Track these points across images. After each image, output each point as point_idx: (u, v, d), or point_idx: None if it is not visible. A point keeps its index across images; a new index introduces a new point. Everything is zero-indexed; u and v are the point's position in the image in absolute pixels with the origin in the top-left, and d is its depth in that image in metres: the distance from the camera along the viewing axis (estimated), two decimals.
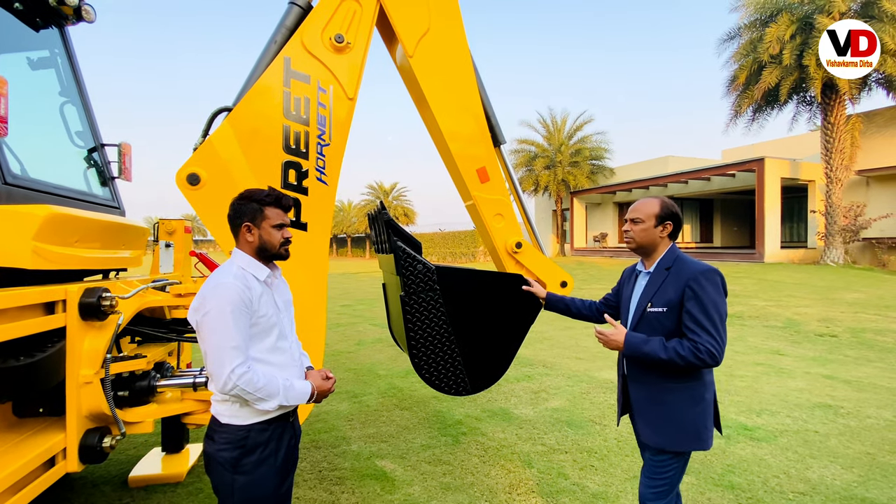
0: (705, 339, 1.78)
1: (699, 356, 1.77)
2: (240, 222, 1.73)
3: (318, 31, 2.50)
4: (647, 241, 2.01)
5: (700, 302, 1.82)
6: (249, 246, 1.73)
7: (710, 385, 1.94)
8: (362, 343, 7.77)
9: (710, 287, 1.84)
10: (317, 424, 4.17)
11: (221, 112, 2.40)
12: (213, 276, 1.68)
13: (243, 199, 1.75)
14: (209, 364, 1.58)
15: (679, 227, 2.03)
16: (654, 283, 1.96)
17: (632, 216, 2.05)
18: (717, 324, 1.80)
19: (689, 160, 25.73)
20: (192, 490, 3.06)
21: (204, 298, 1.60)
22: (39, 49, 2.92)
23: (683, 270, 1.89)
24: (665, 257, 1.99)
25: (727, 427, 4.04)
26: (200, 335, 1.60)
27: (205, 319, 1.58)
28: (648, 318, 1.94)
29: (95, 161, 2.92)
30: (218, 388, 1.58)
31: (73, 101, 2.92)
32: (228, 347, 1.56)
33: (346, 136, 2.62)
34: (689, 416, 1.88)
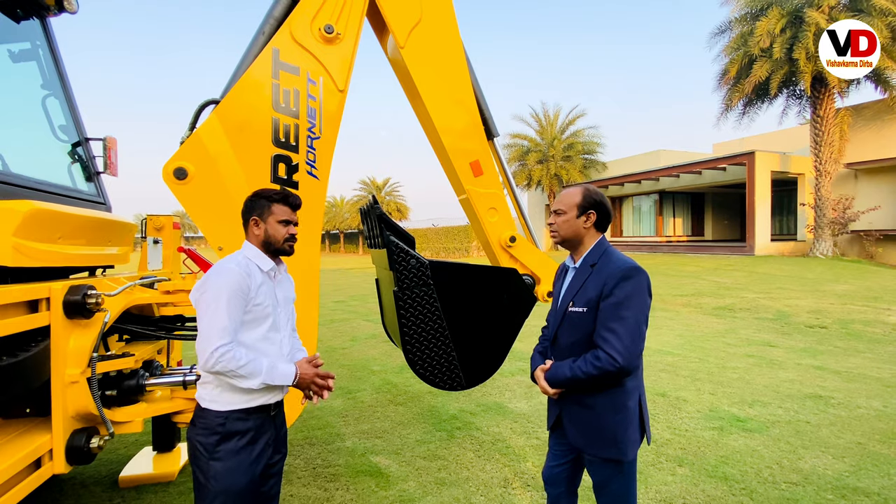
0: (609, 345, 1.68)
1: (598, 365, 1.69)
2: (248, 216, 1.83)
3: (308, 21, 2.45)
4: (572, 234, 1.89)
5: (616, 301, 1.71)
6: (256, 239, 1.83)
7: (633, 392, 1.83)
8: (356, 339, 7.74)
9: (628, 286, 1.72)
10: (311, 421, 4.14)
11: (208, 105, 2.34)
12: (221, 261, 1.78)
13: (255, 196, 1.86)
14: (198, 341, 1.65)
15: (606, 217, 1.89)
16: (578, 281, 1.86)
17: (555, 207, 1.94)
18: (628, 326, 1.69)
19: (681, 154, 25.86)
20: (183, 489, 3.03)
21: (206, 279, 1.70)
22: (21, 41, 2.84)
23: (606, 268, 1.79)
24: (591, 252, 1.87)
25: (720, 419, 4.07)
26: (197, 313, 1.69)
27: (202, 298, 1.67)
28: (570, 318, 1.85)
29: (80, 156, 2.85)
30: (202, 365, 1.64)
31: (56, 95, 2.84)
32: (218, 328, 1.62)
33: (336, 130, 2.58)
34: (608, 423, 1.80)
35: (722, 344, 6.98)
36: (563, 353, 1.89)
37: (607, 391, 1.79)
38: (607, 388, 1.79)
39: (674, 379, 5.29)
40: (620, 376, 1.74)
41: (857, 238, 17.54)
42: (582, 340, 1.81)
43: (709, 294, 11.35)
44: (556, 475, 2.03)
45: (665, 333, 7.82)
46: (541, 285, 2.87)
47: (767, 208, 18.98)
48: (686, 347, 6.81)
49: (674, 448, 3.55)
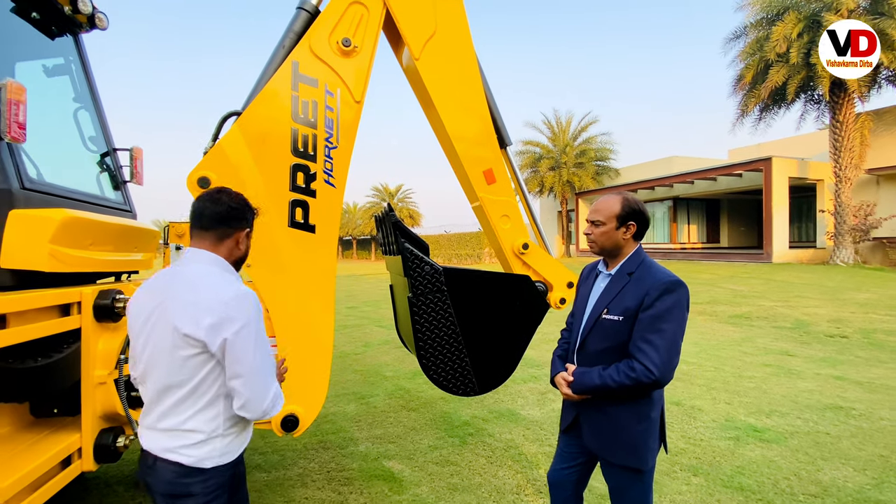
0: (645, 357, 1.65)
1: (633, 376, 1.66)
2: (241, 225, 1.56)
3: (326, 35, 2.53)
4: (611, 244, 1.85)
5: (656, 314, 1.67)
6: (233, 254, 1.55)
7: (658, 402, 1.82)
8: (369, 345, 7.80)
9: (670, 300, 1.68)
10: (325, 426, 4.19)
11: (231, 116, 2.42)
12: (223, 283, 1.44)
13: (247, 208, 1.60)
14: (248, 386, 1.38)
15: (645, 226, 1.87)
16: (614, 288, 1.81)
17: (592, 217, 1.89)
18: (666, 339, 1.66)
19: (695, 160, 25.62)
20: None
21: (234, 309, 1.38)
22: (54, 56, 2.98)
23: (646, 278, 1.75)
24: (629, 260, 1.84)
25: (737, 429, 4.02)
26: (234, 354, 1.38)
27: (239, 337, 1.38)
28: (602, 326, 1.80)
29: (108, 165, 2.97)
30: (261, 412, 1.41)
31: (87, 107, 2.97)
32: (270, 363, 1.45)
33: (353, 139, 2.64)
34: (631, 432, 1.78)
35: (738, 353, 6.88)
36: (590, 360, 1.84)
37: (634, 401, 1.76)
38: (633, 398, 1.75)
39: (689, 388, 5.24)
40: (653, 388, 1.70)
41: (879, 245, 17.16)
42: (613, 348, 1.76)
43: (725, 302, 11.19)
44: (564, 478, 2.01)
45: None
46: (553, 292, 2.89)
47: (785, 215, 18.69)
48: (701, 356, 6.73)
49: (688, 457, 3.52)
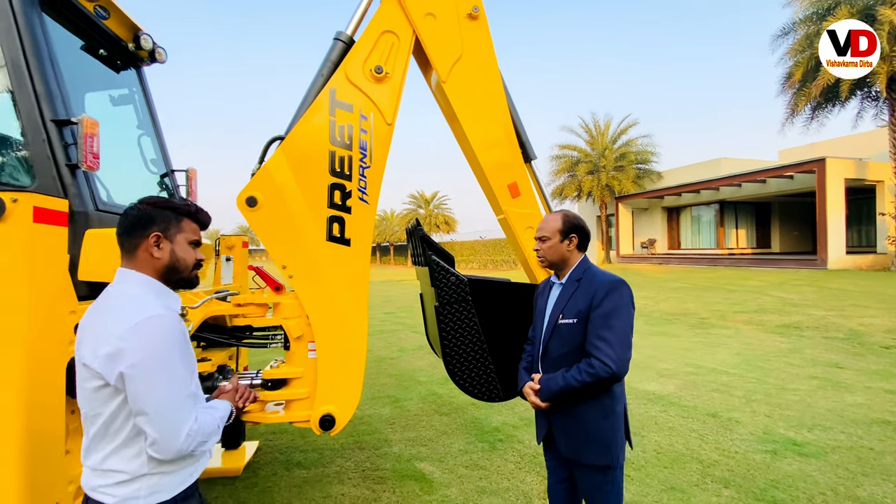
0: (601, 353, 1.79)
1: (592, 372, 1.79)
2: (144, 232, 1.34)
3: (360, 63, 2.73)
4: (557, 257, 2.06)
5: (605, 312, 1.83)
6: (153, 265, 1.35)
7: (621, 397, 1.95)
8: (404, 350, 8.01)
9: (616, 297, 1.85)
10: (360, 427, 4.39)
11: (275, 140, 2.66)
12: (125, 309, 1.25)
13: (150, 205, 1.39)
14: (155, 425, 1.21)
15: (586, 238, 2.08)
16: (566, 295, 1.99)
17: (538, 235, 2.13)
18: (618, 334, 1.80)
19: (743, 162, 24.60)
20: (248, 484, 3.34)
21: (128, 341, 1.19)
22: (119, 87, 3.33)
23: (593, 281, 1.93)
24: (576, 269, 2.03)
25: (774, 442, 3.92)
26: (133, 389, 1.20)
27: (138, 370, 1.19)
28: (560, 330, 1.96)
29: (167, 185, 3.29)
30: (170, 454, 1.24)
31: (148, 133, 3.30)
32: (183, 398, 1.26)
33: (385, 158, 2.82)
34: (599, 429, 1.89)
35: (784, 364, 6.63)
36: (553, 364, 1.98)
37: (596, 398, 1.88)
38: (597, 395, 1.88)
39: (727, 399, 5.12)
40: (612, 382, 1.83)
41: None
42: (572, 350, 1.91)
43: (773, 311, 10.73)
44: (560, 492, 2.12)
45: (721, 352, 7.52)
46: None
47: (841, 218, 17.66)
48: (743, 367, 6.53)
49: (721, 469, 3.48)
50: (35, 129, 2.08)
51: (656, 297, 14.24)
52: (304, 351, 2.63)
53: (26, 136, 2.09)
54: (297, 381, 2.63)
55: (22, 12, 2.14)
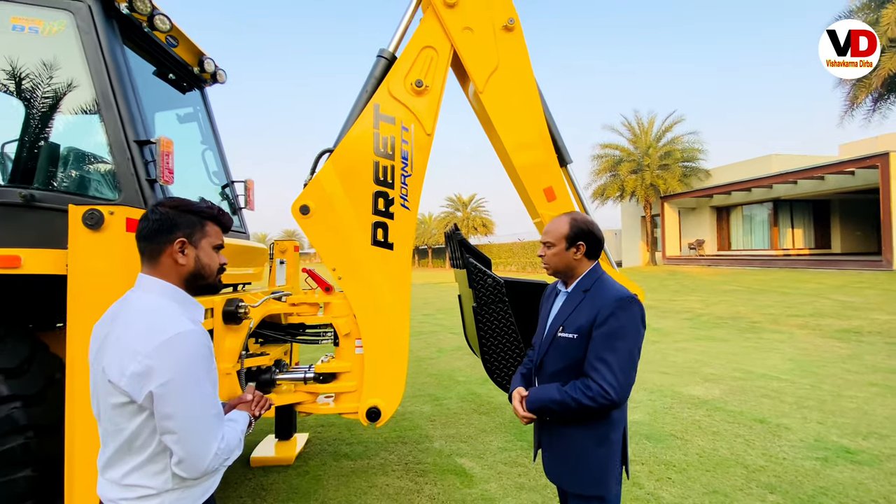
0: (601, 377, 1.60)
1: (589, 395, 1.60)
2: (169, 237, 1.29)
3: (402, 78, 2.91)
4: (563, 265, 1.84)
5: (609, 331, 1.64)
6: (178, 272, 1.31)
7: (619, 424, 1.74)
8: (442, 350, 8.16)
9: (623, 316, 1.65)
10: (403, 422, 4.57)
11: (324, 153, 2.88)
12: (154, 323, 1.21)
13: (174, 208, 1.33)
14: (183, 444, 1.19)
15: (597, 245, 1.84)
16: (569, 306, 1.79)
17: (543, 239, 1.90)
18: (622, 359, 1.62)
19: (797, 158, 23.28)
20: (300, 472, 3.58)
21: (161, 358, 1.16)
22: (185, 107, 3.66)
23: (601, 294, 1.72)
24: (585, 278, 1.82)
25: (826, 449, 3.80)
26: (162, 409, 1.17)
27: (168, 390, 1.16)
28: (559, 344, 1.77)
29: (227, 195, 3.59)
30: (197, 472, 1.23)
31: (211, 147, 3.61)
32: (211, 417, 1.24)
33: (425, 167, 2.99)
34: (591, 458, 1.70)
35: (841, 370, 6.31)
36: (547, 380, 1.81)
37: (591, 423, 1.70)
38: (591, 420, 1.70)
39: (777, 405, 4.96)
40: (609, 409, 1.65)
41: None
42: (569, 368, 1.74)
43: (831, 314, 10.16)
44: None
45: (773, 357, 7.24)
46: None
47: None
48: (796, 372, 6.27)
49: (767, 475, 3.42)
50: (120, 148, 2.37)
51: (706, 300, 13.75)
52: (351, 347, 2.83)
53: (113, 155, 2.39)
54: (345, 375, 2.83)
55: (108, 46, 2.45)
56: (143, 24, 2.71)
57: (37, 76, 2.46)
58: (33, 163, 2.47)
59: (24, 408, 1.95)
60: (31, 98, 2.50)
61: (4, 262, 2.00)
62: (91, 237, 1.95)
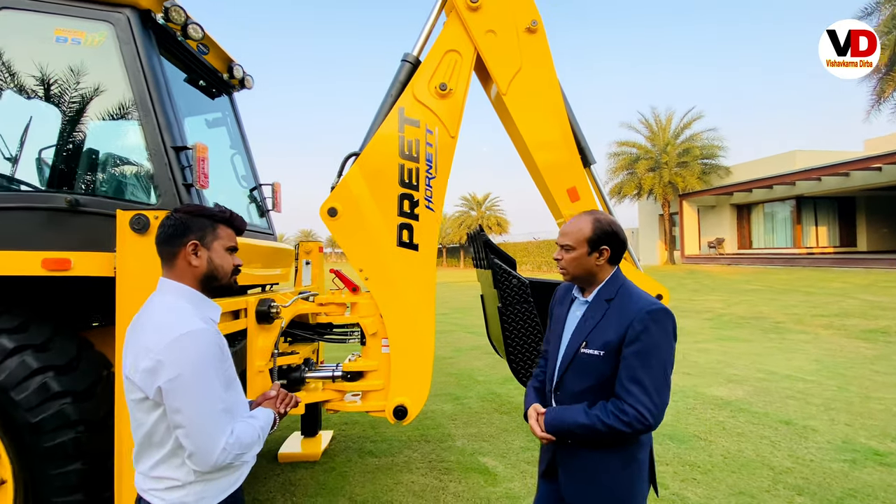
0: (636, 400, 1.45)
1: (624, 420, 1.45)
2: (183, 240, 1.36)
3: (426, 82, 2.95)
4: (583, 271, 1.64)
5: (642, 349, 1.48)
6: (192, 273, 1.37)
7: (646, 443, 1.62)
8: (460, 350, 8.20)
9: (657, 332, 1.49)
10: (425, 421, 4.62)
11: (351, 157, 2.93)
12: (167, 322, 1.28)
13: (187, 213, 1.40)
14: (191, 439, 1.24)
15: (621, 249, 1.65)
16: (592, 318, 1.60)
17: (561, 241, 1.69)
18: (657, 379, 1.47)
19: (821, 154, 22.76)
20: (326, 468, 3.66)
21: (168, 355, 1.22)
22: (213, 112, 3.76)
23: (628, 306, 1.55)
24: (606, 286, 1.63)
25: (854, 451, 3.74)
26: (171, 404, 1.23)
27: (177, 385, 1.22)
28: (581, 361, 1.58)
29: (255, 198, 3.68)
30: (206, 466, 1.27)
31: (239, 152, 3.71)
32: (218, 413, 1.27)
33: (449, 169, 3.03)
34: (616, 480, 1.56)
35: (869, 372, 6.19)
36: (569, 401, 1.63)
37: (619, 444, 1.55)
38: (618, 441, 1.54)
39: (803, 407, 4.89)
40: (645, 433, 1.51)
41: None
42: (595, 386, 1.56)
43: (857, 314, 9.94)
44: None
45: (798, 357, 7.12)
46: None
47: None
48: (822, 374, 6.16)
49: (794, 477, 3.38)
50: (158, 154, 2.46)
51: (727, 299, 13.55)
52: (378, 346, 2.88)
53: (151, 160, 2.48)
54: (372, 373, 2.88)
55: (146, 55, 2.54)
56: (176, 33, 2.80)
57: (79, 85, 2.57)
58: (77, 169, 2.58)
59: (75, 403, 2.05)
60: (74, 106, 2.61)
61: (56, 265, 2.10)
62: (138, 240, 2.04)
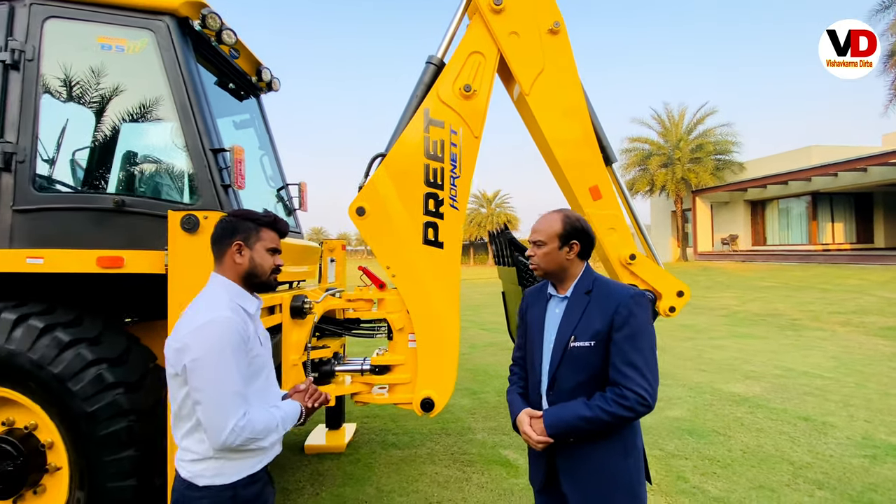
0: (634, 383, 1.50)
1: (626, 404, 1.49)
2: (229, 241, 1.53)
3: (451, 83, 3.02)
4: (555, 266, 1.70)
5: (632, 332, 1.55)
6: (236, 270, 1.54)
7: (639, 428, 1.68)
8: (475, 346, 8.28)
9: (642, 314, 1.57)
10: (445, 415, 4.71)
11: (377, 157, 3.02)
12: (200, 309, 1.45)
13: (236, 217, 1.59)
14: (204, 417, 1.38)
15: (590, 244, 1.73)
16: (575, 312, 1.64)
17: (533, 238, 1.75)
18: (648, 360, 1.54)
19: (838, 149, 22.42)
20: (351, 459, 3.77)
21: (194, 338, 1.38)
22: (242, 114, 3.86)
23: (609, 294, 1.62)
24: (582, 280, 1.69)
25: (874, 447, 3.76)
26: (192, 382, 1.38)
27: (198, 365, 1.36)
28: (572, 356, 1.61)
29: (282, 197, 3.78)
30: (216, 444, 1.38)
31: (267, 152, 3.81)
32: (231, 395, 1.38)
33: (472, 169, 3.10)
34: (621, 470, 1.59)
35: (887, 368, 6.16)
36: (563, 399, 1.63)
37: (616, 434, 1.59)
38: (617, 430, 1.58)
39: (821, 403, 4.90)
40: (644, 415, 1.55)
41: None
42: (590, 379, 1.60)
43: (875, 312, 9.84)
44: None
45: (815, 355, 7.10)
46: (662, 301, 3.06)
47: None
48: (840, 371, 6.15)
49: (814, 472, 3.42)
50: (198, 156, 2.57)
51: (741, 296, 13.46)
52: (405, 341, 2.97)
53: (192, 162, 2.58)
54: (399, 367, 2.97)
55: (185, 61, 2.64)
56: (211, 38, 2.90)
57: (123, 91, 2.68)
58: (121, 171, 2.69)
59: (126, 394, 2.16)
60: (118, 111, 2.73)
61: (110, 262, 2.22)
62: (188, 240, 2.14)
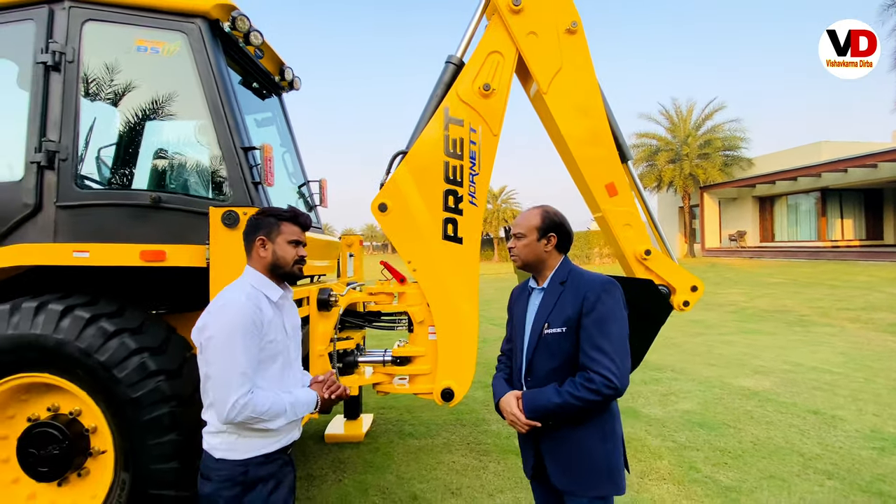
0: (601, 366, 1.58)
1: (592, 388, 1.56)
2: (254, 237, 1.70)
3: (470, 82, 3.09)
4: (533, 257, 1.83)
5: (599, 317, 1.63)
6: (262, 262, 1.69)
7: (618, 414, 1.75)
8: (486, 340, 8.36)
9: (610, 300, 1.66)
10: (459, 406, 4.81)
11: (399, 155, 3.11)
12: (223, 293, 1.62)
13: (261, 215, 1.75)
14: (212, 391, 1.51)
15: (567, 238, 1.85)
16: (550, 300, 1.76)
17: (514, 231, 1.88)
18: (615, 343, 1.61)
19: (849, 145, 22.24)
20: (370, 448, 3.88)
21: (211, 318, 1.53)
22: (264, 112, 3.96)
23: (580, 283, 1.72)
24: (558, 271, 1.81)
25: (883, 440, 3.82)
26: (203, 358, 1.53)
27: (210, 342, 1.51)
28: (546, 342, 1.72)
29: (303, 193, 3.88)
30: (221, 418, 1.51)
31: (289, 150, 3.91)
32: (236, 373, 1.49)
33: (491, 166, 3.18)
34: (599, 454, 1.67)
35: None
36: (541, 382, 1.73)
37: (594, 418, 1.67)
38: (594, 415, 1.67)
39: (830, 397, 4.96)
40: (613, 398, 1.63)
41: None
42: (563, 364, 1.69)
43: (885, 308, 9.84)
44: None
45: (824, 350, 7.14)
46: (676, 295, 3.14)
47: None
48: (849, 366, 6.19)
49: (823, 462, 3.49)
50: (230, 154, 2.66)
51: (749, 292, 13.46)
52: (425, 333, 3.07)
53: (224, 160, 2.68)
54: (419, 358, 3.07)
55: (216, 62, 2.73)
56: (239, 39, 2.99)
57: (157, 91, 2.78)
58: (157, 168, 2.79)
59: (168, 381, 2.27)
60: (153, 111, 2.83)
61: (153, 256, 2.33)
62: (228, 234, 2.25)
